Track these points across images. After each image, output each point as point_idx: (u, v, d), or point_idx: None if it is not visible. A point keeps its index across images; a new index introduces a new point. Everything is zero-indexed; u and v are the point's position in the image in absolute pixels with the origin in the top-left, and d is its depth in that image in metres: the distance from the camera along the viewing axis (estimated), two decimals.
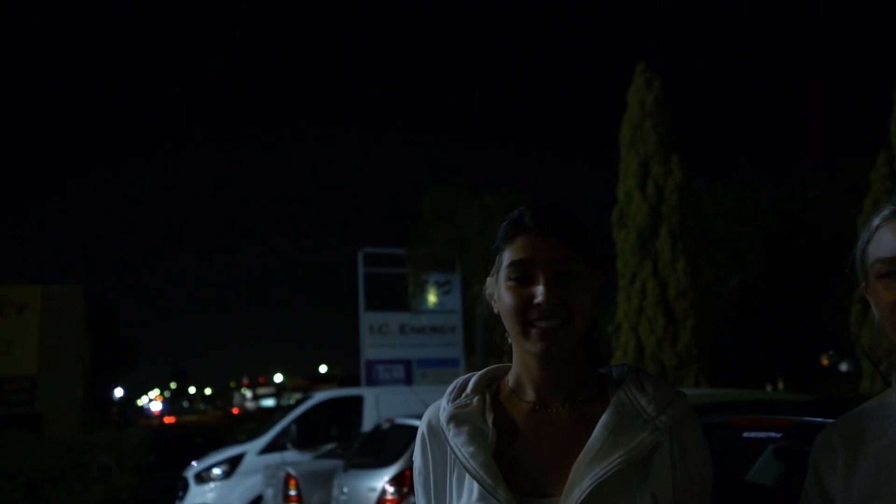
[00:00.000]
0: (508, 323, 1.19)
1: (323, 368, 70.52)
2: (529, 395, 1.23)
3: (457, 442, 1.19)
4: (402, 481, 5.51)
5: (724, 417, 3.09)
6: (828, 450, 1.21)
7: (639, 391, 1.19)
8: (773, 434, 2.80)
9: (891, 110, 9.28)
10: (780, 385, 15.99)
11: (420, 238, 15.27)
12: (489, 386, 1.28)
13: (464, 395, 1.26)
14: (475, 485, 1.15)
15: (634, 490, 1.12)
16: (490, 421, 1.21)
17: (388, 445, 6.16)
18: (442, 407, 1.26)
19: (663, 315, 11.53)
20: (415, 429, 3.21)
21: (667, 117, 12.25)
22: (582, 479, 1.11)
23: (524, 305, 1.17)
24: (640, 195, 12.05)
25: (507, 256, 1.20)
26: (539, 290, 1.16)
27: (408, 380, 15.00)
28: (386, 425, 6.65)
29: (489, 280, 1.26)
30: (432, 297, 16.27)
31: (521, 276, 1.18)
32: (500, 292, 1.21)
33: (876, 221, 1.18)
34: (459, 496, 1.18)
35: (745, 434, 2.93)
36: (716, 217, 15.44)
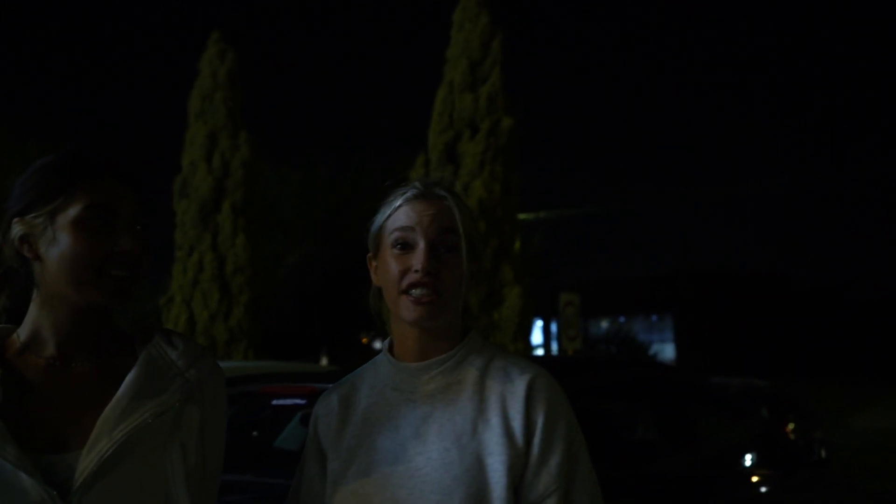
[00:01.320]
0: (72, 270, 1.14)
1: None
2: (49, 349, 1.17)
3: None
4: None
5: (257, 387, 3.21)
6: (326, 407, 1.34)
7: (169, 346, 1.22)
8: (298, 401, 2.99)
9: (430, 119, 10.63)
10: (324, 361, 17.19)
11: None
12: None
13: None
14: None
15: (165, 441, 1.14)
16: None
17: None
18: None
19: (219, 290, 11.50)
20: None
21: (239, 92, 12.22)
22: (111, 431, 1.10)
23: (102, 253, 1.14)
24: (206, 167, 11.83)
25: (79, 199, 1.16)
26: (123, 239, 1.16)
27: None
28: None
29: (29, 218, 1.16)
30: None
31: (100, 223, 1.15)
32: (62, 236, 1.15)
33: (398, 202, 1.32)
34: None
35: (274, 402, 3.08)
36: (280, 197, 15.94)
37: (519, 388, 1.24)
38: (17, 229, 1.15)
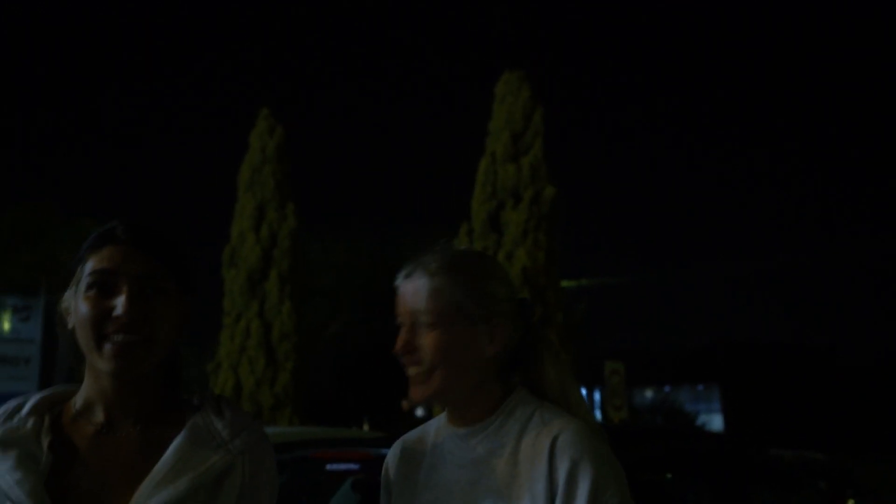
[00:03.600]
0: (83, 337, 1.13)
1: None
2: (98, 416, 1.17)
3: (2, 468, 1.10)
4: None
5: (309, 452, 3.26)
6: (394, 459, 1.38)
7: (216, 416, 1.19)
8: (352, 466, 3.03)
9: (473, 188, 10.83)
10: (366, 427, 17.10)
11: None
12: (51, 409, 1.20)
13: (17, 417, 1.16)
14: None
15: None
16: (46, 444, 1.13)
17: None
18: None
19: (265, 356, 11.65)
20: None
21: (286, 165, 12.63)
22: (147, 500, 1.09)
23: (101, 317, 1.12)
24: (254, 237, 12.15)
25: (90, 266, 1.15)
26: (120, 302, 1.12)
27: None
28: None
29: (67, 293, 1.19)
30: (6, 324, 14.22)
31: (102, 287, 1.13)
32: (77, 304, 1.14)
33: (397, 282, 1.36)
34: None
35: (328, 466, 3.12)
36: (324, 266, 16.21)
37: (544, 446, 1.22)
38: (61, 305, 1.21)
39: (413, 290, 1.30)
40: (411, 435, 1.41)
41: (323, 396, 15.27)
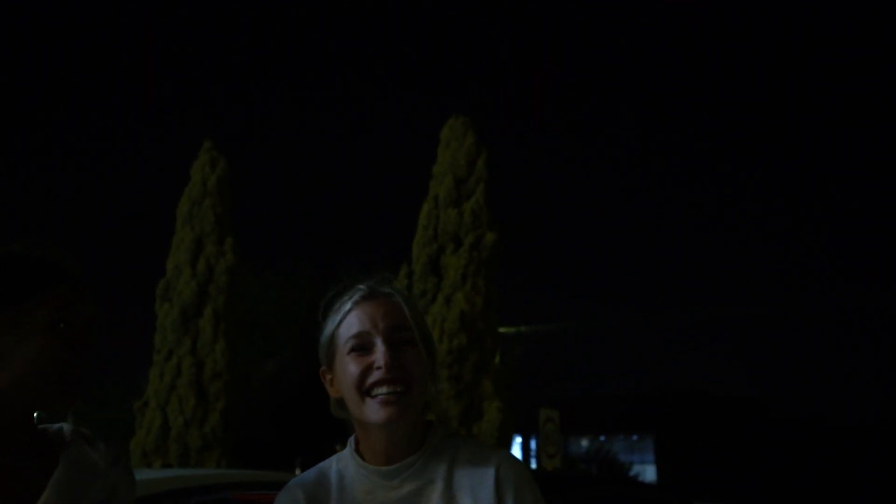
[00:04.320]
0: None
1: None
2: None
3: None
4: None
5: (231, 493, 3.17)
6: (291, 502, 1.30)
7: (89, 447, 1.24)
8: None
9: (415, 231, 10.87)
10: (298, 470, 16.70)
11: None
12: None
13: None
14: None
15: None
16: None
17: None
18: None
19: (195, 395, 11.33)
20: None
21: (227, 199, 12.47)
22: None
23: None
24: (190, 271, 11.90)
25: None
26: None
27: None
28: None
29: None
30: None
31: None
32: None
33: (347, 306, 1.32)
34: None
35: None
36: (260, 302, 15.95)
37: (487, 477, 1.25)
38: None
39: (390, 306, 1.28)
40: (306, 477, 1.34)
41: (255, 437, 14.89)
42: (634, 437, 29.60)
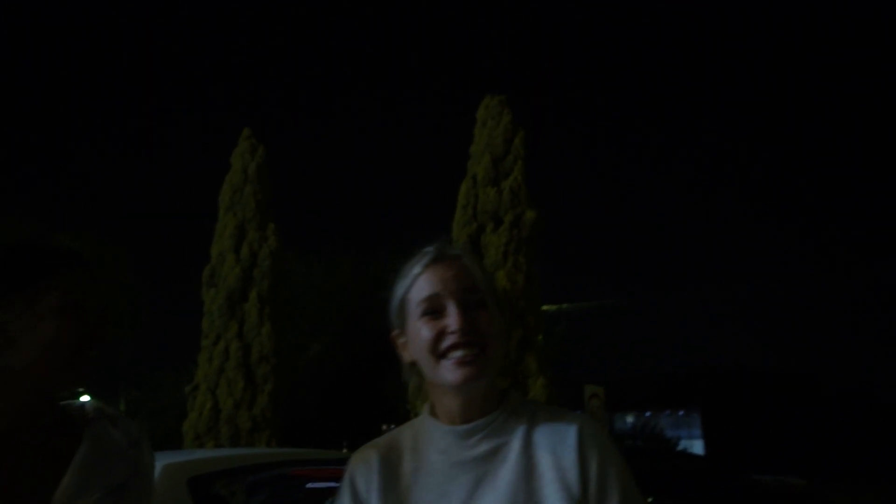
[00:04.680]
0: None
1: None
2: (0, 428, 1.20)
3: None
4: None
5: (289, 470, 3.25)
6: (364, 465, 1.29)
7: (111, 426, 1.28)
8: (332, 484, 3.02)
9: (454, 211, 10.88)
10: (345, 450, 16.95)
11: None
12: None
13: None
14: None
15: None
16: None
17: None
18: None
19: (243, 378, 11.55)
20: None
21: (267, 185, 12.62)
22: None
23: None
24: (234, 257, 12.09)
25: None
26: None
27: None
28: None
29: None
30: None
31: None
32: None
33: (416, 269, 1.30)
34: None
35: (308, 485, 3.11)
36: (304, 287, 16.15)
37: (569, 437, 1.23)
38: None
39: (459, 268, 1.27)
40: (378, 441, 1.34)
41: (301, 419, 15.14)
42: (681, 413, 29.36)
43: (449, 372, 1.23)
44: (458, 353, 1.22)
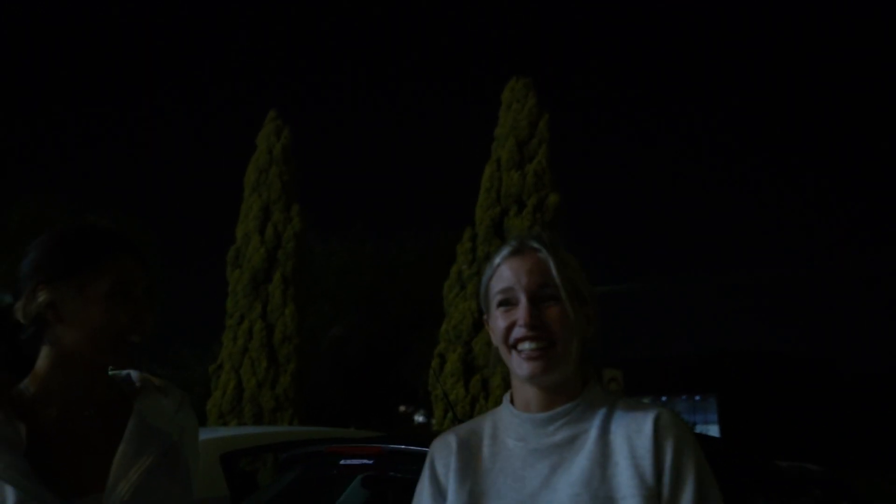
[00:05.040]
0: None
1: None
2: (59, 402, 1.29)
3: None
4: None
5: (324, 447, 3.33)
6: (445, 448, 1.34)
7: (159, 393, 1.38)
8: (366, 461, 3.10)
9: (477, 194, 10.91)
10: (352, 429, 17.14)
11: (2, 253, 13.41)
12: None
13: None
14: (10, 491, 1.18)
15: (170, 478, 1.31)
16: (22, 430, 1.23)
17: None
18: None
19: (267, 358, 11.71)
20: None
21: (292, 166, 12.70)
22: (126, 473, 1.25)
23: None
24: (259, 238, 12.22)
25: None
26: None
27: None
28: None
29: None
30: None
31: None
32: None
33: (497, 260, 1.36)
34: None
35: (342, 461, 3.19)
36: (327, 269, 16.28)
37: (645, 426, 1.24)
38: (43, 295, 1.26)
39: (534, 262, 1.30)
40: (459, 428, 1.38)
41: (323, 399, 15.32)
42: (697, 398, 29.35)
43: (518, 364, 1.27)
44: (525, 346, 1.26)
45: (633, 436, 1.24)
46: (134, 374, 1.40)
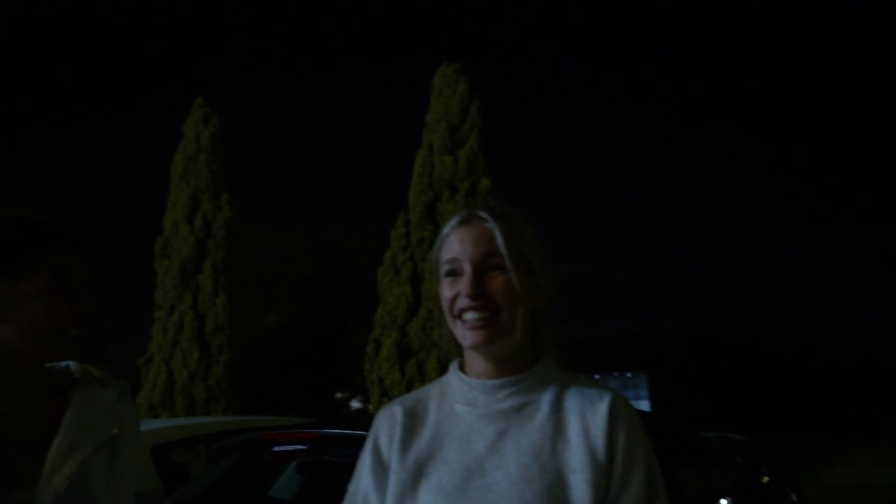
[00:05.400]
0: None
1: None
2: None
3: None
4: None
5: (257, 434, 3.33)
6: (389, 420, 1.32)
7: (97, 385, 1.36)
8: (300, 446, 3.11)
9: (410, 180, 10.93)
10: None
11: None
12: None
13: None
14: None
15: (106, 471, 1.29)
16: None
17: None
18: None
19: (198, 349, 11.51)
20: None
21: (221, 154, 12.46)
22: (62, 467, 1.23)
23: None
24: (188, 228, 11.97)
25: None
26: None
27: None
28: None
29: None
30: None
31: None
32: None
33: (446, 230, 1.34)
34: None
35: (275, 448, 3.19)
36: (260, 257, 16.05)
37: (600, 407, 1.24)
38: None
39: (480, 232, 1.28)
40: (405, 398, 1.37)
41: (258, 388, 15.16)
42: (629, 374, 30.14)
43: (462, 334, 1.27)
44: (469, 316, 1.25)
45: (587, 415, 1.24)
46: (73, 365, 1.37)
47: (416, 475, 1.24)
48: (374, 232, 15.10)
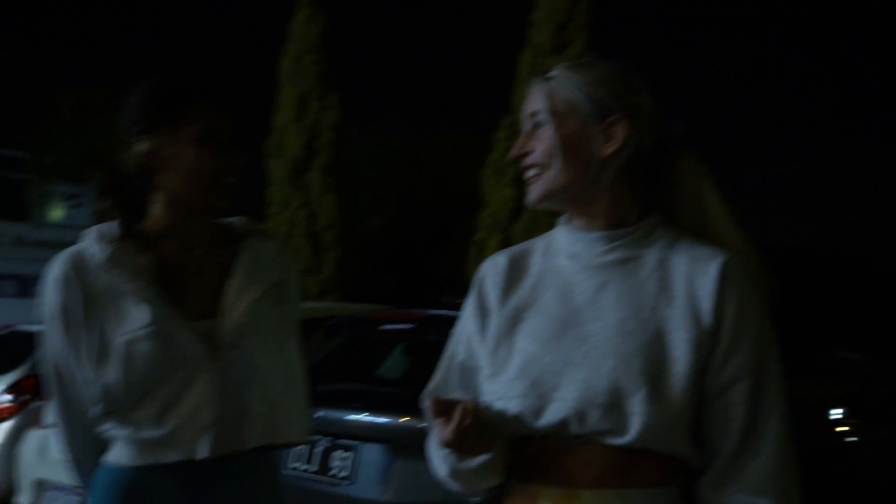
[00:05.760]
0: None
1: None
2: (175, 240, 1.46)
3: (120, 279, 1.39)
4: (21, 389, 5.16)
5: (367, 314, 3.50)
6: (493, 268, 1.33)
7: (265, 238, 1.55)
8: (407, 325, 3.25)
9: (514, 81, 10.72)
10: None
11: (52, 143, 13.67)
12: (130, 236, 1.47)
13: (112, 241, 1.43)
14: (146, 310, 1.37)
15: (270, 311, 1.47)
16: (145, 261, 1.42)
17: (3, 353, 5.66)
18: (91, 251, 1.42)
19: (310, 245, 11.97)
20: (35, 335, 3.00)
21: (328, 55, 12.54)
22: (239, 301, 1.43)
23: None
24: (297, 127, 12.25)
25: None
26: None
27: (23, 297, 13.45)
28: (3, 332, 6.07)
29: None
30: (58, 211, 14.76)
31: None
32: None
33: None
34: (122, 324, 1.37)
35: (383, 327, 3.35)
36: (365, 159, 16.32)
37: (711, 269, 1.17)
38: (142, 145, 1.41)
39: (533, 93, 1.26)
40: (511, 249, 1.37)
41: (365, 286, 15.72)
42: None
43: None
44: (525, 176, 1.26)
45: (696, 275, 1.18)
46: (240, 219, 1.56)
47: (514, 321, 1.25)
48: (476, 135, 15.02)
